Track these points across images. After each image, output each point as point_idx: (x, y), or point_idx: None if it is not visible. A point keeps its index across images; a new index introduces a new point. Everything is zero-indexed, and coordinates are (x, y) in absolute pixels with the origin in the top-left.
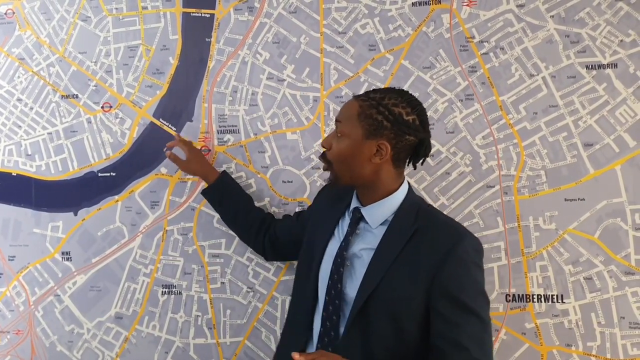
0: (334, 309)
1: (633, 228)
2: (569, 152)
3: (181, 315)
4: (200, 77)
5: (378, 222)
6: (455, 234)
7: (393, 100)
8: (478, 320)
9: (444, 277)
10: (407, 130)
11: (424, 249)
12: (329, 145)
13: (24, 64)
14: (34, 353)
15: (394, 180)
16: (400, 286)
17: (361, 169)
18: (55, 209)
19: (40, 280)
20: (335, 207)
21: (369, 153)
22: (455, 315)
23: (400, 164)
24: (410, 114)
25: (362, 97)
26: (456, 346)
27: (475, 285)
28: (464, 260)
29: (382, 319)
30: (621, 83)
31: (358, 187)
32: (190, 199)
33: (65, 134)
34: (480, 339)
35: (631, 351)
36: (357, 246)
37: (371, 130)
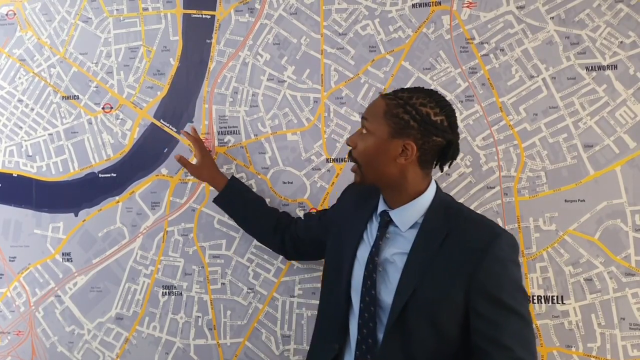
0: (369, 316)
1: (633, 229)
2: (569, 153)
3: (182, 316)
4: (200, 78)
5: (408, 225)
6: (490, 233)
7: (421, 99)
8: (519, 318)
9: (482, 277)
10: (435, 131)
11: (459, 250)
12: (354, 144)
13: (25, 65)
14: (35, 354)
15: (421, 181)
16: (438, 289)
17: (386, 168)
18: (56, 210)
19: (40, 281)
20: (362, 209)
21: (395, 153)
22: (495, 314)
23: (427, 165)
24: (439, 115)
25: (390, 96)
26: (499, 346)
27: (514, 283)
28: (500, 258)
29: (422, 323)
30: (621, 84)
31: (384, 189)
32: (190, 200)
33: (66, 134)
34: (523, 337)
35: (631, 352)
36: (388, 251)
37: (397, 130)
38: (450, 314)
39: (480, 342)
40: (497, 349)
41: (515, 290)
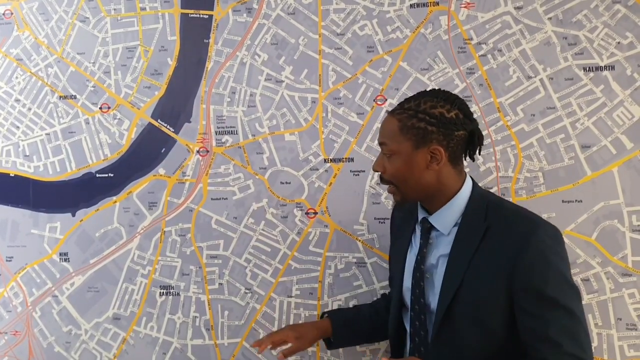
0: (420, 324)
1: (630, 230)
2: (566, 154)
3: (179, 316)
4: (198, 78)
5: (449, 226)
6: (529, 224)
7: (429, 103)
8: (567, 312)
9: (523, 271)
10: (454, 127)
11: (499, 246)
12: (382, 169)
13: (22, 65)
14: (32, 354)
15: (456, 179)
16: (481, 288)
17: (423, 180)
18: (53, 210)
19: (38, 281)
20: (407, 221)
21: (425, 162)
22: (541, 309)
23: (458, 161)
24: (451, 110)
25: (398, 111)
26: (548, 342)
27: (559, 276)
28: (540, 250)
29: (467, 323)
30: (618, 85)
31: (424, 199)
32: (188, 200)
33: (63, 134)
34: (573, 332)
35: (628, 352)
36: (433, 256)
37: (419, 140)
38: (495, 312)
39: (528, 338)
40: (545, 345)
41: (561, 282)
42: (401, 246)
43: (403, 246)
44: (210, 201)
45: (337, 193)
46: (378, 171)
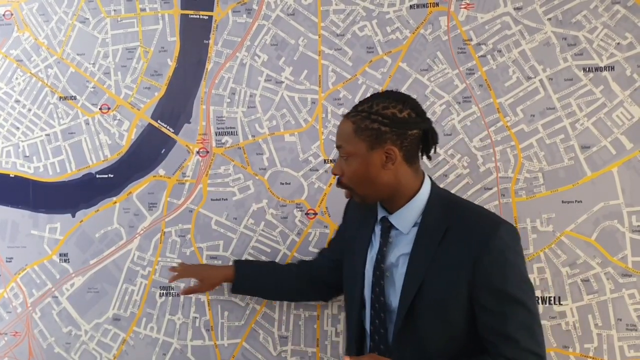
0: (380, 323)
1: (630, 230)
2: (566, 155)
3: (179, 317)
4: (198, 79)
5: (408, 226)
6: (489, 224)
7: (382, 104)
8: (524, 309)
9: (484, 270)
10: (407, 126)
11: (459, 245)
12: (341, 172)
13: (22, 66)
14: (32, 355)
15: (414, 179)
16: (442, 286)
17: (379, 180)
18: (53, 211)
19: (37, 282)
20: (366, 219)
21: (380, 162)
22: (500, 306)
23: (413, 160)
24: (404, 110)
25: (352, 113)
26: (505, 338)
27: (517, 274)
28: (501, 249)
29: (429, 320)
30: (618, 85)
31: (383, 199)
32: (188, 201)
33: (63, 135)
34: (529, 327)
35: (628, 353)
36: (393, 255)
37: (373, 140)
38: (456, 309)
39: (487, 334)
40: (503, 340)
41: (519, 280)
42: (361, 245)
43: (363, 245)
44: (210, 202)
45: (337, 194)
46: (336, 174)
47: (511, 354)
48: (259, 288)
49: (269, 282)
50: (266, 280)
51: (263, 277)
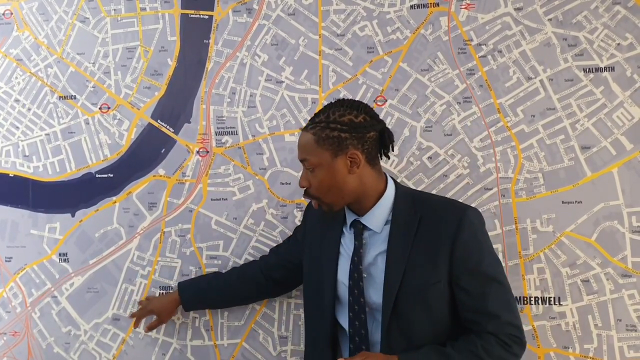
0: (360, 324)
1: (630, 230)
2: (566, 155)
3: (178, 317)
4: (198, 79)
5: (381, 224)
6: (458, 210)
7: (337, 112)
8: (499, 284)
9: (460, 254)
10: (365, 129)
11: (433, 233)
12: (308, 183)
13: (21, 65)
14: (31, 355)
15: (377, 179)
16: (423, 276)
17: (347, 185)
18: (52, 210)
19: (37, 282)
20: (330, 225)
21: (346, 167)
22: (479, 286)
23: (375, 161)
24: (359, 115)
25: (311, 125)
26: (487, 315)
27: (489, 252)
28: (472, 231)
29: (416, 311)
30: (618, 86)
31: (351, 203)
32: (188, 201)
33: (63, 135)
34: (507, 302)
35: (628, 353)
36: (370, 255)
37: (336, 148)
38: (439, 296)
39: (469, 314)
40: (485, 318)
41: (492, 258)
42: (330, 250)
43: (332, 250)
44: (210, 202)
45: None
46: (304, 186)
47: (494, 329)
48: (209, 302)
49: (216, 293)
50: (213, 292)
51: (210, 291)
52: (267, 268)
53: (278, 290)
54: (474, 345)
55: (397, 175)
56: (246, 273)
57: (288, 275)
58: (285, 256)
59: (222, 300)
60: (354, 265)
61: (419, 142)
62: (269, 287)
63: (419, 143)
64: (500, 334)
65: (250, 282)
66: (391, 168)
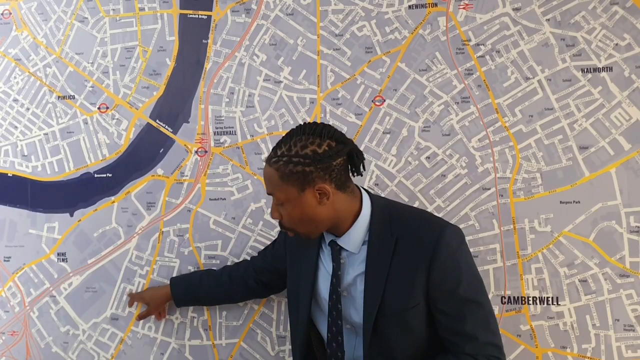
0: (337, 346)
1: (628, 231)
2: (564, 155)
3: (177, 317)
4: (197, 79)
5: (358, 245)
6: (435, 230)
7: (299, 144)
8: (479, 306)
9: (437, 277)
10: (330, 159)
11: (411, 254)
12: (279, 216)
13: (20, 65)
14: (29, 354)
15: (351, 202)
16: (401, 298)
17: (319, 216)
18: (51, 210)
19: (35, 281)
20: (309, 242)
21: (315, 200)
22: (456, 308)
23: (345, 185)
24: (322, 144)
25: (273, 159)
26: (465, 337)
27: (468, 274)
28: (450, 253)
29: (396, 332)
30: (616, 86)
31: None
32: (186, 200)
33: (61, 134)
34: (485, 322)
35: (626, 353)
36: (348, 276)
37: (302, 183)
38: (418, 317)
39: (447, 335)
40: (463, 339)
41: (470, 280)
42: (306, 269)
43: (308, 269)
44: (209, 201)
45: None
46: (276, 218)
47: (472, 350)
48: (200, 298)
49: (207, 290)
50: (204, 289)
51: (200, 288)
52: (255, 271)
53: (267, 292)
54: None
55: (396, 175)
56: (237, 273)
57: (275, 279)
58: (271, 261)
59: (212, 298)
60: (332, 287)
61: (417, 142)
62: (258, 289)
63: (417, 143)
64: (478, 355)
65: (240, 283)
66: (389, 168)
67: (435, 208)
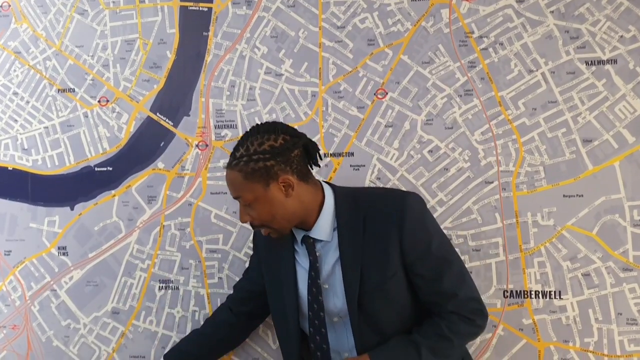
0: (321, 339)
1: (631, 224)
2: (567, 148)
3: (178, 310)
4: (197, 72)
5: (329, 233)
6: (397, 201)
7: (256, 142)
8: (452, 264)
9: (409, 243)
10: (288, 151)
11: (380, 229)
12: (250, 218)
13: (20, 58)
14: (31, 348)
15: (315, 193)
16: (379, 272)
17: (288, 209)
18: (51, 204)
19: (36, 275)
20: (283, 246)
21: (281, 193)
22: (432, 270)
23: (307, 176)
24: (277, 138)
25: (234, 162)
26: (445, 295)
27: (437, 233)
28: (415, 219)
29: (381, 308)
30: (621, 79)
31: (298, 223)
32: (187, 194)
33: (61, 128)
34: (461, 278)
35: (628, 347)
36: (327, 265)
37: (265, 179)
38: (398, 286)
39: (428, 297)
40: (444, 298)
41: (440, 240)
42: (286, 272)
43: (289, 273)
44: (210, 195)
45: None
46: (246, 221)
47: (454, 308)
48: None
49: (199, 351)
50: (196, 351)
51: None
52: (235, 305)
53: (253, 323)
54: (438, 326)
55: (398, 169)
56: (216, 319)
57: (257, 305)
58: (248, 287)
59: (208, 354)
60: (311, 280)
61: (420, 135)
62: (242, 324)
63: (419, 136)
64: (461, 310)
65: (223, 326)
66: (392, 162)
67: (438, 202)
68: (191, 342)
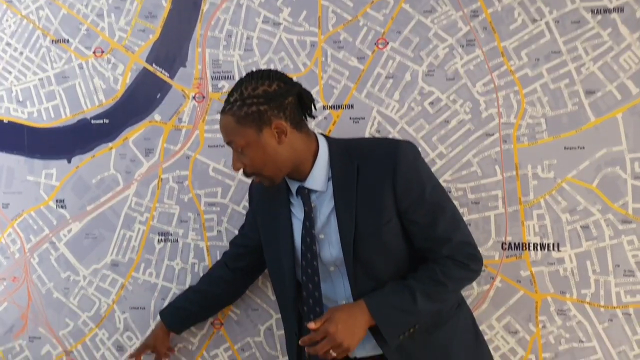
0: (313, 287)
1: (632, 176)
2: (570, 100)
3: (177, 262)
4: (193, 21)
5: (324, 182)
6: (390, 148)
7: (250, 87)
8: (443, 208)
9: (402, 189)
10: (281, 97)
11: (373, 176)
12: (242, 164)
13: (12, 7)
14: (31, 300)
15: (308, 142)
16: (374, 219)
17: (280, 156)
18: (48, 156)
19: (35, 228)
20: (278, 198)
21: (274, 139)
22: (427, 216)
23: (301, 125)
24: (272, 84)
25: (227, 107)
26: (439, 240)
27: (430, 179)
28: (408, 164)
29: (377, 255)
30: (627, 28)
31: (290, 172)
32: (185, 147)
33: (56, 79)
34: (455, 223)
35: (625, 298)
36: (322, 216)
37: (259, 123)
38: (393, 233)
39: (422, 243)
40: (438, 243)
41: (433, 186)
42: (283, 225)
43: (285, 224)
44: (207, 148)
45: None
46: (238, 169)
47: (448, 252)
48: (195, 317)
49: (196, 308)
50: (193, 308)
51: (189, 308)
52: (231, 261)
53: (249, 278)
54: (433, 271)
55: (398, 122)
56: (213, 275)
57: (253, 260)
58: (243, 242)
59: (205, 310)
60: (305, 230)
61: (421, 87)
62: (239, 280)
63: (420, 88)
64: (456, 255)
65: (219, 282)
66: (392, 114)
67: (438, 155)
68: (187, 299)
